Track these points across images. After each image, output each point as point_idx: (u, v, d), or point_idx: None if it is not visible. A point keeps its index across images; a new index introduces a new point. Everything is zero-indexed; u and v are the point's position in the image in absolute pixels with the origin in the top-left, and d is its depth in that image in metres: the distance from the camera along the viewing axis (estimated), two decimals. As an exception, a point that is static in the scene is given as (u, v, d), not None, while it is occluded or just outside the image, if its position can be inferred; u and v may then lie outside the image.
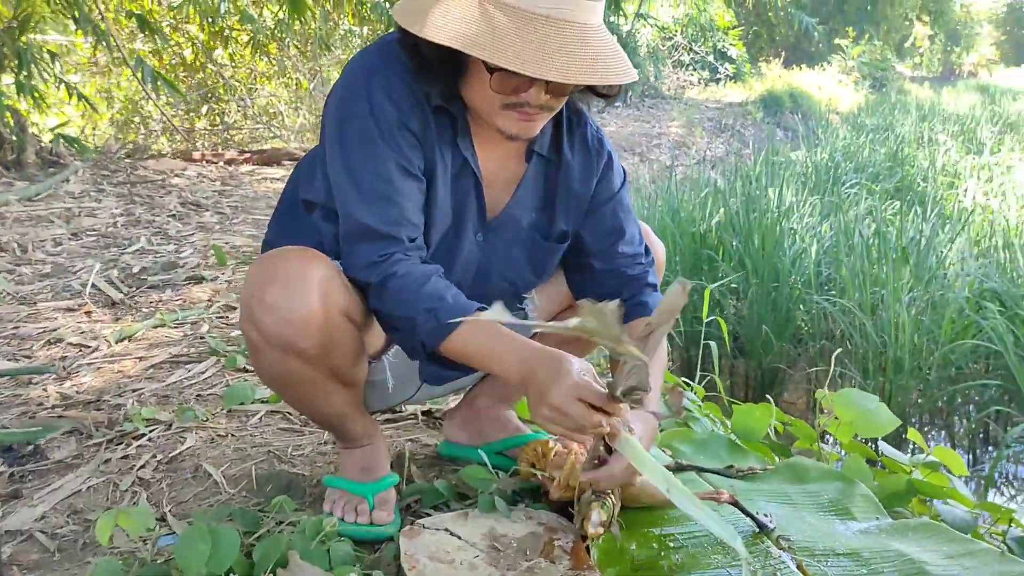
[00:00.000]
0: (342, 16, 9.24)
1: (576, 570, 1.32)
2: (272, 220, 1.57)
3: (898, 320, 4.42)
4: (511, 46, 1.20)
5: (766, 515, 1.49)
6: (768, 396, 2.66)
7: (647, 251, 1.62)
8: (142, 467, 1.80)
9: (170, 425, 2.01)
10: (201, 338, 2.74)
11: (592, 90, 1.45)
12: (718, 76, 18.16)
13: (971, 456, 4.03)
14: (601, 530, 1.33)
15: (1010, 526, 1.64)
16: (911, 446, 3.18)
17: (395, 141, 1.34)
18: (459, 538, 1.40)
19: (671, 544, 1.43)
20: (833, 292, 5.07)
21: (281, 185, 6.37)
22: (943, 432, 4.41)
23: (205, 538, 1.31)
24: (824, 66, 21.75)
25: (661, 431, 1.88)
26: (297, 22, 6.89)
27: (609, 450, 1.30)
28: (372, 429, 1.59)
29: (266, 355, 1.37)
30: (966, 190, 7.89)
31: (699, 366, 3.21)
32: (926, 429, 4.41)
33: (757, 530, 1.47)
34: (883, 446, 1.92)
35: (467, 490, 1.62)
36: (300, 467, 1.78)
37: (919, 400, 4.48)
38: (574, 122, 1.54)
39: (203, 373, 2.39)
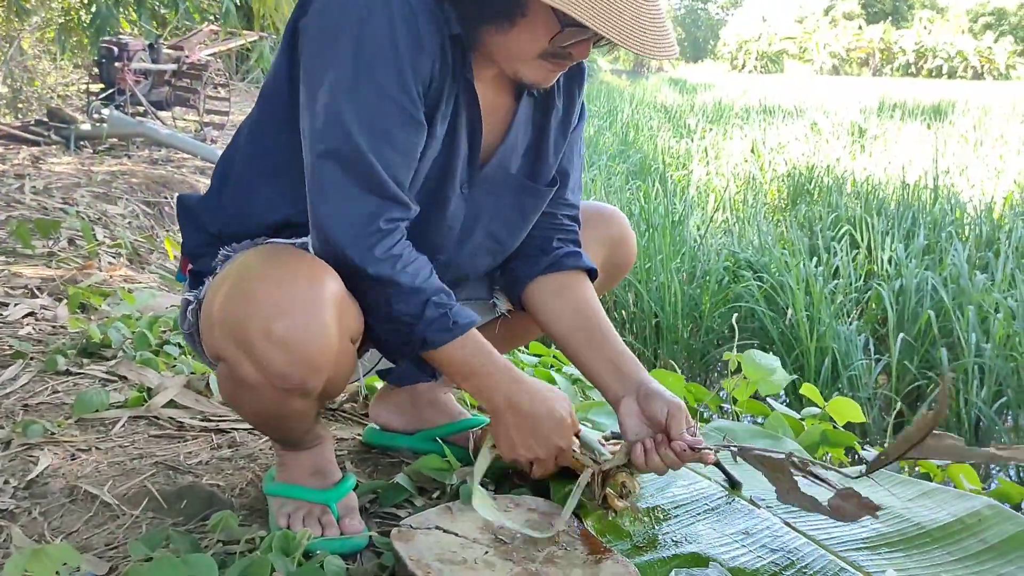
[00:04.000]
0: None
1: (596, 554, 1.24)
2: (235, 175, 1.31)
3: (671, 287, 4.74)
4: (611, 12, 1.07)
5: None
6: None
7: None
8: (-4, 496, 1.44)
9: (8, 443, 1.64)
10: (-14, 339, 2.27)
11: None
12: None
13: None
14: (627, 503, 1.27)
15: (915, 466, 1.80)
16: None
17: (407, 81, 1.13)
18: (456, 535, 1.26)
19: (660, 516, 1.40)
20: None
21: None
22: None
23: (177, 569, 1.07)
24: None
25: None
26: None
27: None
28: (322, 427, 1.38)
29: (260, 393, 1.16)
30: (692, 171, 8.66)
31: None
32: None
33: (726, 491, 1.48)
34: (773, 403, 2.03)
35: (424, 482, 1.48)
36: (208, 477, 1.52)
37: (690, 362, 4.86)
38: None
39: (16, 379, 1.97)
